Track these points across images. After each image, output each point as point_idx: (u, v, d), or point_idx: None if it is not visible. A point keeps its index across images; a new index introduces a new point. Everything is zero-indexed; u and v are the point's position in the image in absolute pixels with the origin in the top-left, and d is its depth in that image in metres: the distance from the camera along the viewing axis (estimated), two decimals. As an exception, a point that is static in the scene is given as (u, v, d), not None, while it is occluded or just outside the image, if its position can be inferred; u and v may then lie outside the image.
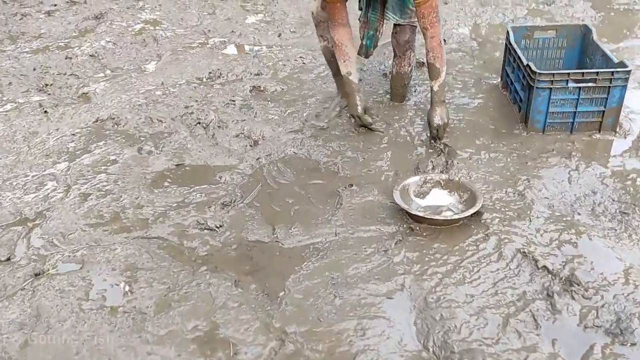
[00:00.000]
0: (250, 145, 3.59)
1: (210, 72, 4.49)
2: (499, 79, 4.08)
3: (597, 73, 3.25)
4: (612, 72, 3.22)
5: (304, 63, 4.58)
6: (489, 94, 4.00)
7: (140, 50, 4.92)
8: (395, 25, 3.61)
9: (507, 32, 3.80)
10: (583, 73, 3.28)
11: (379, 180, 3.12)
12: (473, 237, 2.65)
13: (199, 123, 3.76)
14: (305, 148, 3.46)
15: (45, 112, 3.94)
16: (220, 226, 2.83)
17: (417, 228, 2.72)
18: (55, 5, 5.90)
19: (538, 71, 3.23)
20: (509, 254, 2.54)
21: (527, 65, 3.31)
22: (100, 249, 2.69)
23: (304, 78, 4.37)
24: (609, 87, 3.24)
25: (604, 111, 3.35)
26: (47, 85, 4.32)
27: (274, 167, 3.32)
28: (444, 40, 3.52)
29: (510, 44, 3.69)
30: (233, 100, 4.07)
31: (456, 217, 2.66)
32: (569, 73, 3.30)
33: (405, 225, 2.75)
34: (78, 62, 4.67)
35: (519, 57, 3.48)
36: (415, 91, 4.03)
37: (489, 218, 2.76)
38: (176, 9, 5.75)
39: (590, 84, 3.24)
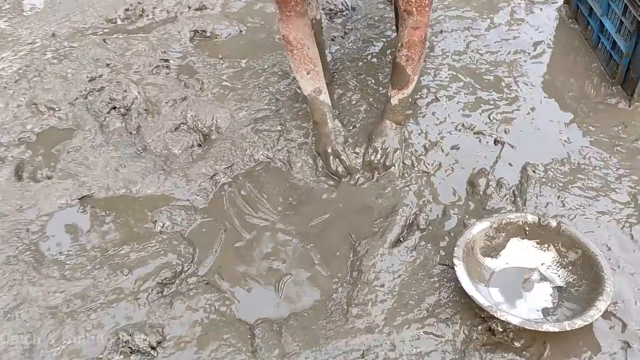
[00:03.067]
0: (199, 145, 2.27)
1: (127, 9, 2.99)
2: (563, 2, 2.75)
3: None
4: None
5: (266, -16, 3.10)
6: (550, 27, 2.68)
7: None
8: None
9: None
10: None
11: (413, 210, 1.91)
12: (608, 350, 1.52)
13: (114, 108, 2.39)
14: (285, 150, 2.17)
15: None
16: (160, 343, 1.61)
17: (501, 329, 1.56)
18: None
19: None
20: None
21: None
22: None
23: (271, 10, 2.93)
24: None
25: None
26: None
27: (240, 192, 2.05)
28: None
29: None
30: (165, 60, 2.66)
31: (579, 325, 1.48)
32: None
33: (478, 325, 1.58)
34: None
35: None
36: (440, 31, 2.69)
37: (622, 304, 1.61)
38: None
39: None
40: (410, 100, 2.12)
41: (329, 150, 2.06)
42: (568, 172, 1.99)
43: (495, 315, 1.48)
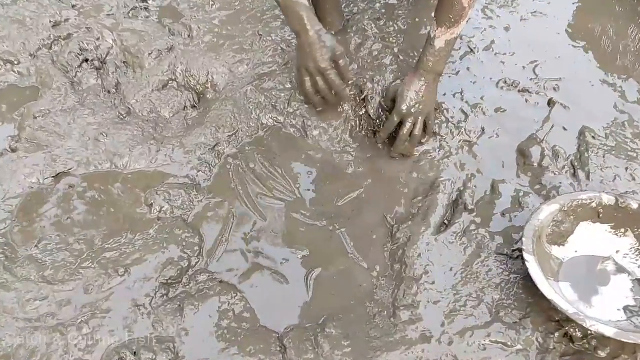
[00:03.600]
0: (193, 106, 1.92)
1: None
2: None
3: None
4: None
5: None
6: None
7: None
8: None
9: None
10: None
11: (457, 186, 1.64)
12: None
13: (86, 61, 1.99)
14: (299, 114, 1.83)
15: None
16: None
17: (580, 335, 1.32)
18: None
19: None
20: None
21: None
22: None
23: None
24: None
25: None
26: None
27: (249, 165, 1.73)
28: None
29: None
30: (144, 1, 2.22)
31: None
32: None
33: (554, 330, 1.34)
34: None
35: None
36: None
37: None
38: None
39: None
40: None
41: (311, 67, 1.60)
42: (631, 137, 1.72)
43: (584, 325, 1.23)
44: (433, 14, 1.59)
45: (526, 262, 1.33)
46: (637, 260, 1.44)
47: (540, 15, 2.14)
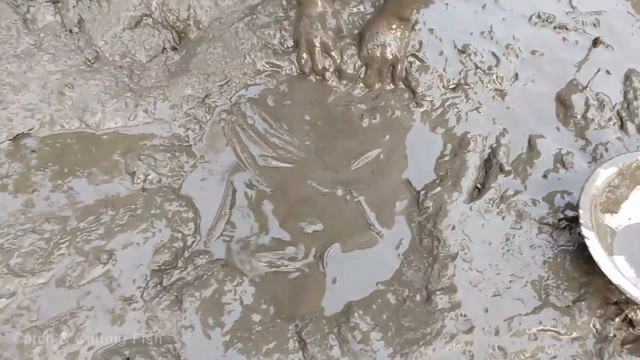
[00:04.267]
0: (174, 48, 1.62)
1: None
2: None
3: None
4: None
5: None
6: None
7: None
8: None
9: None
10: None
11: (488, 142, 1.42)
12: None
13: (40, -8, 1.64)
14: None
15: None
16: (172, 366, 1.12)
17: (641, 317, 1.17)
18: None
19: None
20: None
21: None
22: None
23: None
24: None
25: None
26: None
27: (247, 120, 1.47)
28: None
29: None
30: None
31: None
32: None
33: (614, 315, 1.18)
34: None
35: None
36: None
37: None
38: None
39: None
40: None
41: (316, 42, 1.51)
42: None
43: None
44: None
45: (585, 240, 1.14)
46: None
47: None
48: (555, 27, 1.60)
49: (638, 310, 1.15)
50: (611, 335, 1.14)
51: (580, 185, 1.21)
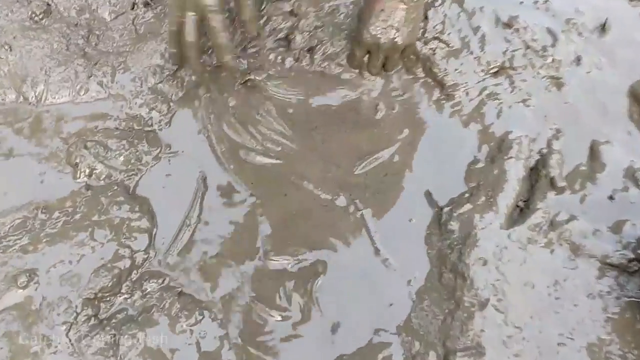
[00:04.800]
0: (147, 4, 1.31)
1: None
2: None
3: None
4: None
5: None
6: None
7: None
8: None
9: None
10: None
11: (536, 145, 1.10)
12: None
13: None
14: (295, 27, 1.23)
15: None
16: None
17: None
18: None
19: None
20: None
21: None
22: None
23: None
24: None
25: None
26: None
27: (227, 101, 1.16)
28: None
29: None
30: None
31: None
32: None
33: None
34: None
35: None
36: None
37: None
38: None
39: None
40: None
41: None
42: None
43: None
44: None
45: None
46: None
47: None
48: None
49: None
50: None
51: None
